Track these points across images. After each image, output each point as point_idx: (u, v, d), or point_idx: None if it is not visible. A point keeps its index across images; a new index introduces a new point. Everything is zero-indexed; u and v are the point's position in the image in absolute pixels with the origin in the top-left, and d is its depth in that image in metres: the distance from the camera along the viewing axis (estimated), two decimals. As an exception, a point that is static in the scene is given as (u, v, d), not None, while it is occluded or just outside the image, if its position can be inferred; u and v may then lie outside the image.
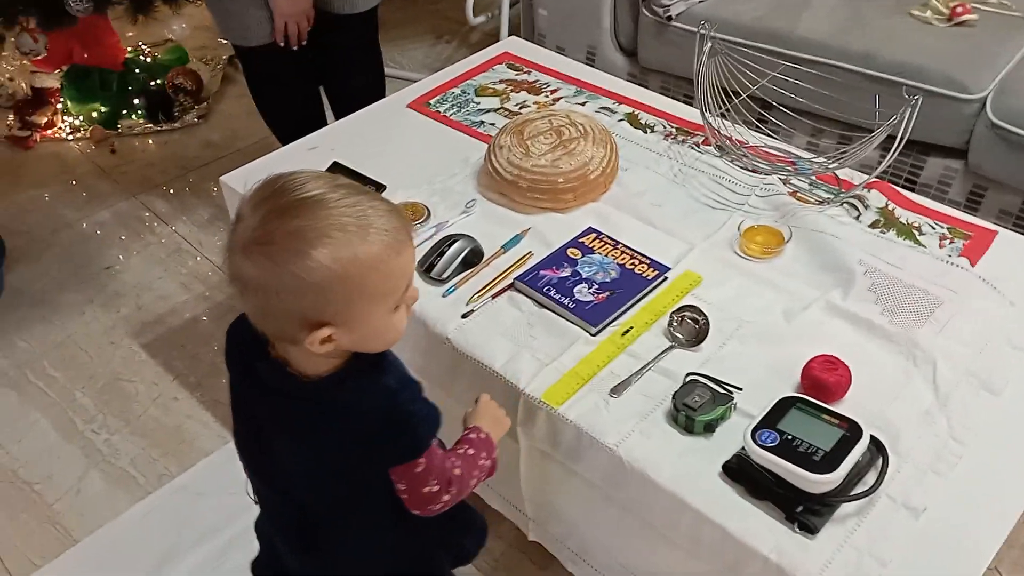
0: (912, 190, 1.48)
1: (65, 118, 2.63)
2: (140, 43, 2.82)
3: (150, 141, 2.61)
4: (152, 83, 2.69)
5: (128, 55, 2.74)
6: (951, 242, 1.32)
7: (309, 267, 0.77)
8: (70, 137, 2.61)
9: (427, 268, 1.30)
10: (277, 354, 0.87)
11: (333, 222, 0.78)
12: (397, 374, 0.89)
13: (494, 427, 1.04)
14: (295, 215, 0.78)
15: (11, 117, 2.60)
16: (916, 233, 1.34)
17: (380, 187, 1.47)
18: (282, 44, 1.80)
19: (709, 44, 1.43)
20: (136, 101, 2.64)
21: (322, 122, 2.04)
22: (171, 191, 2.39)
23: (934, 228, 1.35)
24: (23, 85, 2.68)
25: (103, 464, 1.66)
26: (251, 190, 0.81)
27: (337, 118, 2.04)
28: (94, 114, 2.62)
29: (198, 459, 1.65)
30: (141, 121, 2.64)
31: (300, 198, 0.79)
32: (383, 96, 2.03)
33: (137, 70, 2.69)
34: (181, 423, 1.73)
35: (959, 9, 1.94)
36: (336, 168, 1.52)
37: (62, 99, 2.63)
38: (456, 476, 0.93)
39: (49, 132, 2.62)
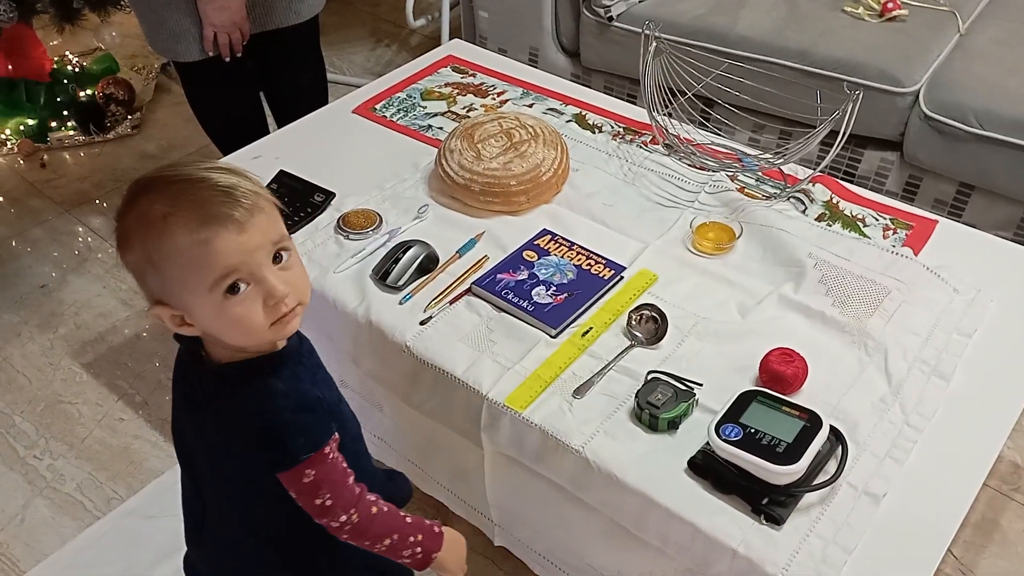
0: (851, 182, 1.51)
1: (-10, 132, 2.53)
2: (67, 53, 2.73)
3: (82, 154, 2.52)
4: (82, 94, 2.60)
5: (55, 65, 2.64)
6: (894, 232, 1.36)
7: (123, 250, 0.81)
8: (-4, 151, 2.51)
9: (382, 276, 1.28)
10: (196, 336, 0.87)
11: (144, 209, 0.79)
12: (291, 379, 0.86)
13: (451, 543, 0.98)
14: (132, 197, 0.80)
15: (-68, 132, 2.49)
16: (860, 225, 1.37)
17: (329, 195, 1.45)
18: (211, 54, 1.74)
19: (654, 44, 1.45)
20: (66, 113, 2.56)
21: (264, 129, 1.99)
22: (106, 205, 2.31)
23: (877, 219, 1.39)
24: (-57, 98, 2.56)
25: (48, 491, 1.60)
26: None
27: (279, 124, 2.00)
28: (21, 127, 2.52)
29: (147, 481, 1.60)
30: (72, 133, 2.55)
31: (150, 177, 0.82)
32: (326, 100, 2.01)
33: (65, 80, 2.60)
34: (128, 444, 1.68)
35: (889, 5, 2.00)
36: (282, 176, 1.49)
37: (-14, 112, 2.53)
38: (369, 514, 0.90)
39: (-27, 147, 2.51)
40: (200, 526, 0.99)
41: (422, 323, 1.22)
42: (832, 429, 1.01)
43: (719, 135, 1.57)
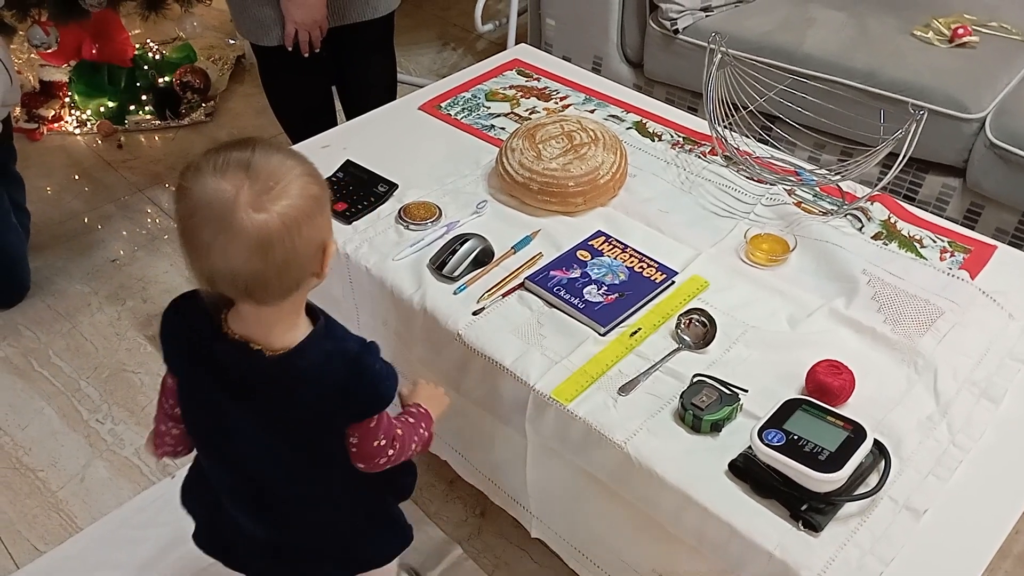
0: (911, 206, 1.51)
1: (72, 112, 2.65)
2: (148, 40, 2.84)
3: (157, 137, 2.63)
4: (160, 80, 2.71)
5: (136, 52, 2.76)
6: (951, 255, 1.35)
7: (315, 181, 0.85)
8: (77, 131, 2.63)
9: (439, 266, 1.32)
10: (235, 334, 0.89)
11: (291, 152, 0.87)
12: (355, 338, 0.94)
13: (432, 403, 1.10)
14: (268, 152, 0.83)
15: (18, 109, 2.61)
16: (918, 246, 1.37)
17: (392, 186, 1.49)
18: (290, 48, 1.81)
19: (719, 56, 1.46)
20: (144, 97, 2.67)
21: (332, 121, 2.06)
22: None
23: (935, 241, 1.38)
24: (31, 78, 2.69)
25: (107, 453, 1.67)
26: (194, 172, 0.81)
27: (348, 117, 2.06)
28: (101, 109, 2.64)
29: (201, 451, 1.66)
30: (148, 117, 2.66)
31: (252, 146, 0.84)
32: (394, 97, 2.06)
33: (146, 67, 2.71)
34: (185, 415, 1.74)
35: (960, 31, 1.98)
36: (348, 166, 1.54)
37: (70, 93, 2.65)
38: (399, 435, 0.99)
39: (56, 125, 2.63)
40: (261, 504, 1.02)
41: (475, 313, 1.25)
42: (876, 442, 1.01)
43: (779, 150, 1.58)
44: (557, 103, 1.74)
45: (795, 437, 0.99)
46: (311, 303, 0.93)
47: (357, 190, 1.48)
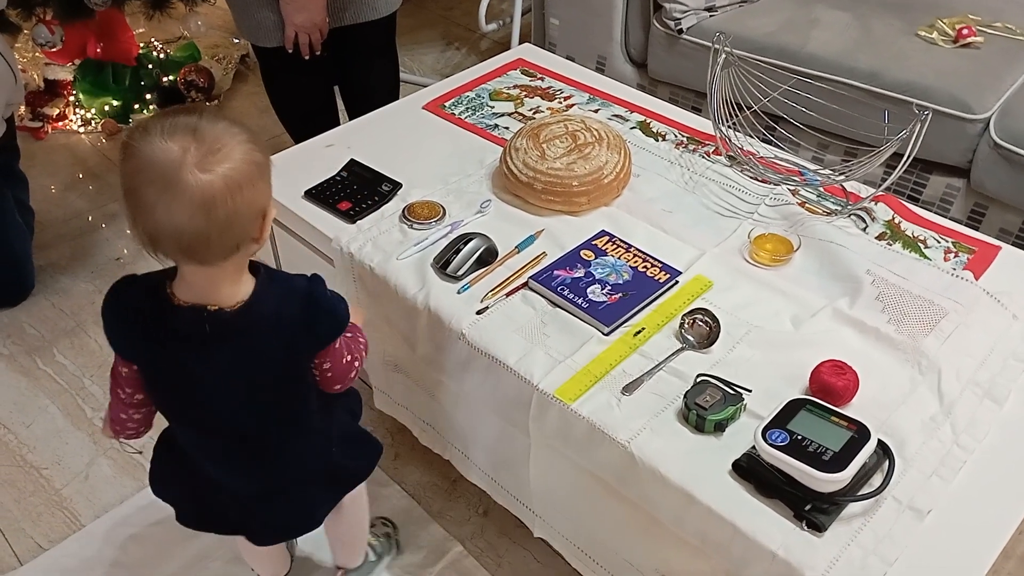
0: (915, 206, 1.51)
1: (77, 111, 2.65)
2: (153, 39, 2.85)
3: (160, 136, 2.62)
4: (164, 79, 2.71)
5: (141, 51, 2.76)
6: (956, 256, 1.35)
7: (258, 149, 0.89)
8: (81, 129, 2.63)
9: (443, 265, 1.32)
10: (187, 302, 0.92)
11: (236, 122, 0.90)
12: (299, 276, 1.00)
13: (353, 314, 1.11)
14: (214, 119, 0.87)
15: (23, 107, 2.62)
16: (922, 246, 1.37)
17: (396, 185, 1.50)
18: (290, 51, 1.82)
19: (723, 56, 1.46)
20: (148, 96, 2.67)
21: (335, 121, 2.06)
22: (181, 186, 2.40)
23: (939, 242, 1.38)
24: (36, 76, 2.70)
25: (111, 451, 1.67)
26: (142, 133, 0.85)
27: (351, 118, 2.06)
28: (106, 107, 2.64)
29: (204, 449, 1.67)
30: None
31: (200, 112, 0.87)
32: (397, 97, 2.07)
33: (150, 65, 2.72)
34: (188, 414, 1.75)
35: (965, 31, 1.98)
36: (353, 165, 1.54)
37: (74, 92, 2.65)
38: (354, 347, 1.07)
39: (60, 124, 2.64)
40: (249, 452, 1.06)
41: (478, 313, 1.25)
42: (879, 443, 1.01)
43: (783, 150, 1.58)
44: (561, 103, 1.74)
45: (799, 437, 1.00)
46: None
47: (361, 189, 1.48)
